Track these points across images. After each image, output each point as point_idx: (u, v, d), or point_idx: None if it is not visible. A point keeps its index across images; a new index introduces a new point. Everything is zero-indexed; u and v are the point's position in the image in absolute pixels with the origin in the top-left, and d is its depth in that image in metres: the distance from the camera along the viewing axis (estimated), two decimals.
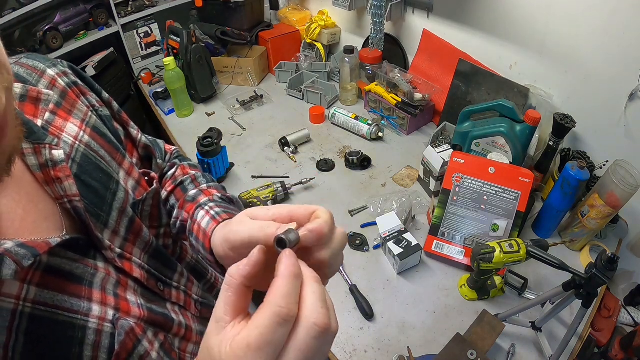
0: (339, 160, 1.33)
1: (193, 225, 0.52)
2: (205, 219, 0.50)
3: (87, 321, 0.36)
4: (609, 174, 0.89)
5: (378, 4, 1.37)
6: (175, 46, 1.55)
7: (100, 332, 0.37)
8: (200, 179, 0.61)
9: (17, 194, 0.36)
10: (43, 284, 0.34)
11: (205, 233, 0.49)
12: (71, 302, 0.36)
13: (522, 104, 1.14)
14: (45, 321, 0.33)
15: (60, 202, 0.39)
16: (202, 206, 0.53)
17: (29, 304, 0.32)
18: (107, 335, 0.37)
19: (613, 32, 0.93)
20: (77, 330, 0.35)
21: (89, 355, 0.36)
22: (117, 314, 0.39)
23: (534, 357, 0.80)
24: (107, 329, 0.37)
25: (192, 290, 0.55)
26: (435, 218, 0.98)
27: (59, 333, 0.34)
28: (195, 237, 0.51)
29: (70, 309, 0.35)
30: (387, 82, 1.42)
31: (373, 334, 0.85)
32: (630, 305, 1.03)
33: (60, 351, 0.34)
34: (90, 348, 0.36)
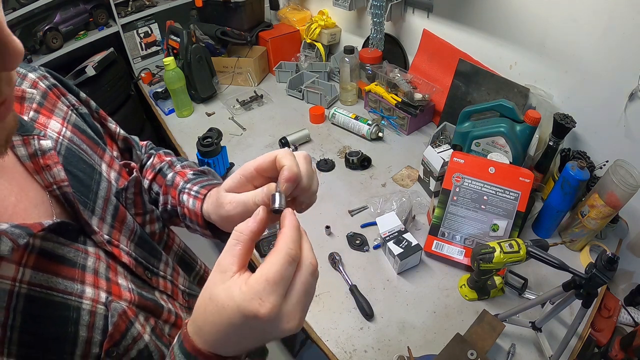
0: (339, 160, 1.33)
1: (184, 210, 0.56)
2: (190, 201, 0.55)
3: (80, 302, 0.38)
4: (609, 174, 0.89)
5: (378, 4, 1.37)
6: (175, 46, 1.55)
7: (94, 314, 0.39)
8: (175, 163, 0.64)
9: (8, 183, 0.37)
10: (37, 267, 0.35)
11: (195, 213, 0.54)
12: (65, 284, 0.37)
13: (522, 104, 1.14)
14: (40, 302, 0.35)
15: (50, 190, 0.41)
16: (183, 190, 0.57)
17: (25, 285, 0.34)
18: (100, 317, 0.39)
19: (613, 32, 0.93)
20: (71, 310, 0.37)
21: (84, 335, 0.37)
22: (110, 296, 0.41)
23: (534, 357, 0.80)
24: (101, 311, 0.39)
25: (178, 280, 0.57)
26: (435, 218, 0.98)
27: (54, 313, 0.36)
28: (189, 220, 0.56)
29: (64, 291, 0.37)
30: (387, 82, 1.42)
31: (373, 334, 0.85)
32: (630, 305, 1.03)
33: (56, 330, 0.35)
34: (85, 328, 0.37)
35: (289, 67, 1.78)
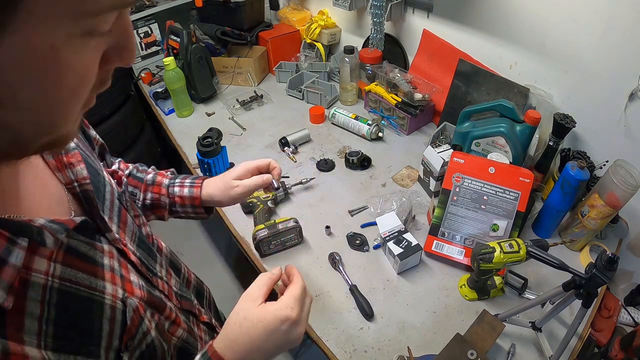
0: (339, 160, 1.33)
1: (174, 199, 0.71)
2: (185, 190, 0.71)
3: (103, 298, 0.40)
4: (609, 174, 0.89)
5: (378, 4, 1.37)
6: (175, 46, 1.55)
7: (114, 308, 0.41)
8: (141, 167, 0.75)
9: (33, 179, 0.39)
10: (66, 263, 0.37)
11: (192, 197, 0.71)
12: (89, 280, 0.39)
13: (522, 104, 1.14)
14: (70, 296, 0.36)
15: (69, 187, 0.43)
16: (173, 184, 0.72)
17: (57, 280, 0.35)
18: (119, 312, 0.41)
19: (613, 32, 0.93)
20: (96, 305, 0.39)
21: (107, 329, 0.40)
22: (125, 293, 0.43)
23: (534, 357, 0.80)
24: (119, 306, 0.41)
25: (171, 282, 0.59)
26: (435, 218, 0.98)
27: (82, 307, 0.38)
28: (180, 205, 0.71)
29: (89, 286, 0.39)
30: (387, 82, 1.42)
31: (373, 334, 0.84)
32: (630, 305, 1.03)
33: (84, 324, 0.38)
34: (107, 322, 0.40)
35: (289, 67, 1.78)
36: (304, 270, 0.98)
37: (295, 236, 1.02)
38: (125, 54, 0.32)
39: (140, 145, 1.99)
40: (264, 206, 1.09)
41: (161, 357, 0.48)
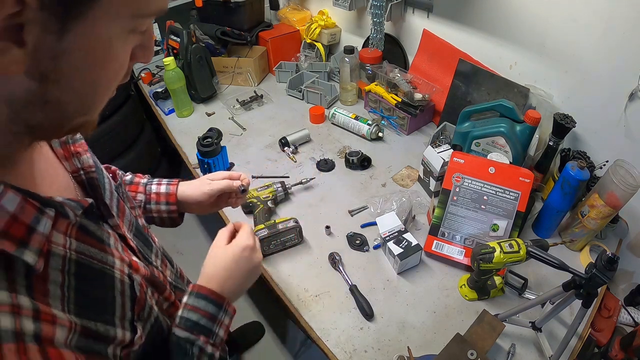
0: (339, 160, 1.33)
1: (150, 196, 0.76)
2: (162, 187, 0.77)
3: (113, 272, 0.44)
4: (609, 174, 0.89)
5: (378, 4, 1.37)
6: (175, 46, 1.55)
7: (123, 283, 0.45)
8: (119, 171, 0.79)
9: (45, 166, 0.42)
10: (79, 239, 0.40)
11: (168, 194, 0.77)
12: (100, 255, 0.43)
13: (522, 104, 1.13)
14: (86, 268, 0.40)
15: (75, 175, 0.47)
16: (150, 183, 0.78)
17: (73, 253, 0.39)
18: (127, 286, 0.45)
19: (613, 32, 0.93)
20: (108, 278, 0.43)
21: (119, 301, 0.43)
22: (130, 269, 0.47)
23: (534, 357, 0.80)
24: (127, 280, 0.45)
25: (166, 272, 0.63)
26: (435, 218, 0.98)
27: (97, 279, 0.41)
28: (155, 202, 0.76)
29: (101, 260, 0.42)
30: (387, 82, 1.42)
31: (373, 334, 0.84)
32: (630, 305, 1.03)
33: (100, 293, 0.41)
34: (119, 295, 0.43)
35: (289, 67, 1.78)
36: (304, 270, 0.99)
37: (295, 236, 1.02)
38: (147, 52, 0.38)
39: (140, 145, 1.99)
40: (264, 206, 1.09)
41: (167, 332, 0.53)
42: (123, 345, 0.43)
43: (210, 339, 0.55)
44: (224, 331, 0.58)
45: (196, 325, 0.54)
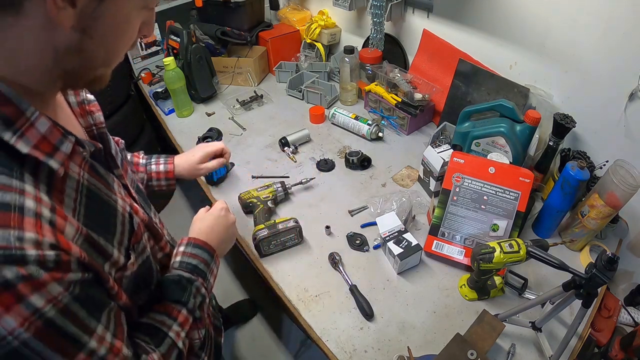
0: (339, 160, 1.33)
1: (151, 175, 0.93)
2: (160, 166, 0.93)
3: (117, 205, 0.53)
4: (609, 174, 0.89)
5: (378, 4, 1.37)
6: (175, 46, 1.55)
7: (124, 216, 0.53)
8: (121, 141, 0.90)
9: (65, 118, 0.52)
10: (90, 174, 0.50)
11: (166, 172, 0.93)
12: (106, 191, 0.52)
13: (522, 104, 1.14)
14: (94, 194, 0.49)
15: (88, 131, 0.58)
16: (148, 164, 0.93)
17: (86, 180, 0.48)
18: (127, 220, 0.53)
19: (613, 32, 0.93)
20: (112, 208, 0.52)
21: (120, 229, 0.52)
22: (131, 209, 0.56)
23: (534, 357, 0.80)
24: (127, 216, 0.54)
25: (164, 231, 0.73)
26: (435, 218, 0.98)
27: (103, 205, 0.51)
28: (156, 179, 0.93)
29: (107, 194, 0.52)
30: (387, 82, 1.42)
31: (373, 334, 0.85)
32: (630, 305, 1.03)
33: (105, 217, 0.50)
34: (120, 223, 0.52)
35: (289, 67, 1.78)
36: (304, 270, 0.99)
37: (295, 236, 1.02)
38: (150, 28, 0.50)
39: (140, 145, 1.99)
40: (264, 206, 1.09)
41: (154, 279, 0.61)
42: (118, 267, 0.50)
43: (205, 282, 0.66)
44: (213, 279, 0.70)
45: (195, 268, 0.66)
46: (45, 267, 0.38)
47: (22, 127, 0.40)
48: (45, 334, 0.38)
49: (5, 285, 0.35)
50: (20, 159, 0.40)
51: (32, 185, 0.39)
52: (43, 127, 0.42)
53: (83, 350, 0.42)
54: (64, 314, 0.40)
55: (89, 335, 0.43)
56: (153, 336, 0.55)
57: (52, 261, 0.38)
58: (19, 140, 0.39)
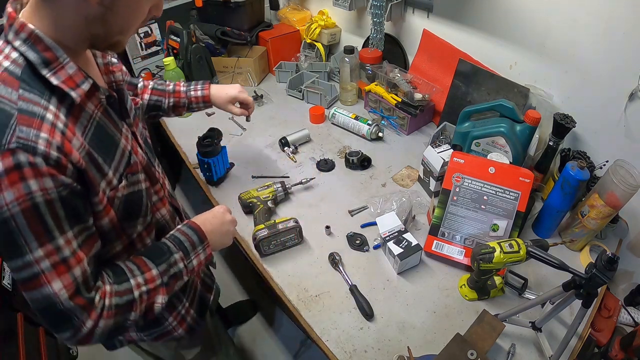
0: (339, 160, 1.33)
1: (191, 100, 1.09)
2: (198, 92, 1.09)
3: (119, 141, 0.66)
4: (609, 174, 0.89)
5: (378, 4, 1.37)
6: (175, 46, 1.55)
7: (124, 150, 0.66)
8: (159, 81, 1.09)
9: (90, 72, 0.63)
10: (103, 113, 0.64)
11: (203, 96, 1.09)
12: (113, 129, 0.65)
13: (522, 104, 1.14)
14: (102, 129, 0.63)
15: (110, 85, 0.71)
16: (188, 91, 1.09)
17: (97, 118, 0.62)
18: (126, 155, 0.66)
19: (613, 32, 0.93)
20: (115, 142, 0.65)
21: (118, 158, 0.64)
22: (132, 150, 0.69)
23: (534, 357, 0.80)
24: (127, 152, 0.67)
25: (165, 184, 0.85)
26: (435, 218, 0.98)
27: (108, 137, 0.64)
28: (195, 103, 1.10)
29: (113, 132, 0.65)
30: (387, 82, 1.42)
31: (373, 334, 0.85)
32: (630, 305, 1.03)
33: (107, 145, 0.62)
34: (119, 154, 0.64)
35: (289, 67, 1.78)
36: (304, 270, 0.99)
37: (295, 236, 1.02)
38: (159, 10, 0.63)
39: None
40: (264, 206, 1.09)
41: (143, 211, 0.71)
42: (111, 187, 0.62)
43: (186, 259, 0.71)
44: (197, 263, 0.73)
45: (180, 243, 0.71)
46: (47, 162, 0.50)
47: (55, 67, 0.55)
48: (29, 214, 0.50)
49: (17, 166, 0.49)
50: (51, 89, 0.54)
51: (54, 107, 0.54)
52: (71, 70, 0.56)
53: (52, 242, 0.53)
54: (47, 205, 0.51)
55: (60, 233, 0.53)
56: (117, 275, 0.63)
57: (54, 160, 0.51)
58: (52, 76, 0.54)
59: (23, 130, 0.49)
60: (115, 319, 0.60)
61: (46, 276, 0.53)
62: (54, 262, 0.53)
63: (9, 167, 0.48)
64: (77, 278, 0.55)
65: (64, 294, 0.54)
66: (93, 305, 0.57)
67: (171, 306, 0.83)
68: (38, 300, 0.53)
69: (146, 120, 1.06)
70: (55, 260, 0.53)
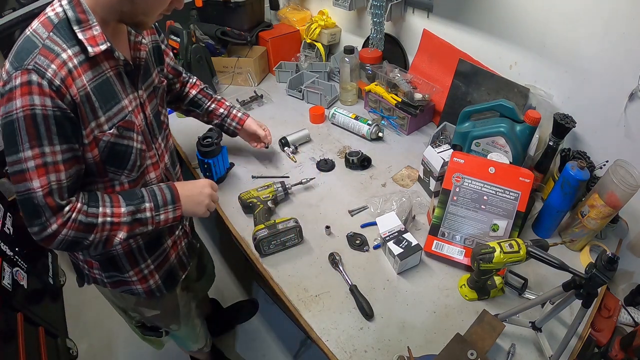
0: (339, 160, 1.33)
1: (229, 114, 1.21)
2: (239, 113, 1.22)
3: (122, 100, 0.77)
4: (609, 174, 0.89)
5: (378, 4, 1.37)
6: (175, 46, 1.55)
7: (123, 108, 0.77)
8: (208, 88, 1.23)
9: (117, 44, 0.76)
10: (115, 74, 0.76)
11: (240, 119, 1.22)
12: (119, 89, 0.77)
13: (522, 104, 1.14)
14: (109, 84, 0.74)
15: (134, 59, 0.81)
16: (232, 108, 1.23)
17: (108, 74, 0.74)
18: (124, 113, 0.77)
19: (613, 32, 0.93)
20: (117, 98, 0.76)
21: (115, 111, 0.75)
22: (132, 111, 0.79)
23: (534, 357, 0.80)
24: (126, 111, 0.77)
25: (165, 157, 0.94)
26: (435, 218, 0.98)
27: (112, 93, 0.75)
28: (231, 119, 1.22)
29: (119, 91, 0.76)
30: (387, 82, 1.42)
31: (373, 334, 0.85)
32: (630, 305, 1.03)
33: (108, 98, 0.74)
34: (116, 109, 0.75)
35: (289, 67, 1.78)
36: (304, 270, 0.99)
37: (295, 236, 1.02)
38: (180, 3, 0.77)
39: None
40: (264, 206, 1.09)
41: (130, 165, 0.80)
42: (100, 129, 0.72)
43: (155, 211, 0.82)
44: (164, 219, 0.84)
45: (154, 196, 0.83)
46: (50, 86, 0.64)
47: (84, 27, 0.68)
48: (29, 120, 0.64)
49: (29, 82, 0.63)
50: (77, 41, 0.68)
51: (72, 52, 0.67)
52: (96, 32, 0.69)
53: (39, 148, 0.66)
54: (43, 118, 0.64)
55: (47, 143, 0.66)
56: (91, 200, 0.75)
57: (56, 86, 0.64)
58: (80, 32, 0.68)
59: (40, 59, 0.63)
60: (76, 234, 0.72)
61: (30, 174, 0.66)
62: (37, 164, 0.66)
63: (24, 82, 0.62)
64: (52, 183, 0.68)
65: (39, 191, 0.67)
66: (61, 213, 0.70)
67: (133, 260, 0.91)
68: (21, 192, 0.67)
69: (184, 111, 1.21)
70: (38, 163, 0.66)
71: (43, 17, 0.68)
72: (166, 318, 1.13)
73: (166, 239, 0.97)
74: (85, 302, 1.86)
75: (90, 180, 0.78)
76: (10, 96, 0.63)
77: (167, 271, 1.00)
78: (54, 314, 1.72)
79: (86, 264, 0.92)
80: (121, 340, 1.74)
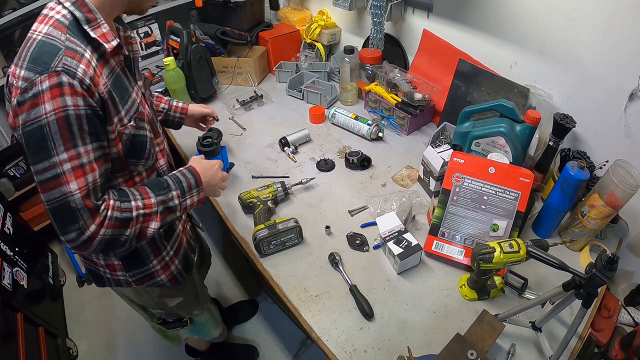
0: (339, 160, 1.33)
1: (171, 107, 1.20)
2: (180, 103, 1.21)
3: (132, 92, 0.79)
4: (609, 174, 0.89)
5: (378, 4, 1.37)
6: (175, 46, 1.55)
7: (135, 100, 0.79)
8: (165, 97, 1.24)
9: None
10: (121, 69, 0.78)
11: (182, 108, 1.21)
12: (127, 83, 0.79)
13: (522, 104, 1.14)
14: (121, 79, 0.76)
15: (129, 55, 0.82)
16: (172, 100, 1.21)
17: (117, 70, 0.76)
18: (136, 104, 0.79)
19: (613, 32, 0.93)
20: (129, 91, 0.78)
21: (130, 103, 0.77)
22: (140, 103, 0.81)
23: (534, 357, 0.80)
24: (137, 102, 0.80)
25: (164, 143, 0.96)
26: (435, 218, 0.98)
27: (124, 85, 0.77)
28: (173, 111, 1.20)
29: (128, 84, 0.79)
30: (387, 82, 1.42)
31: (373, 334, 0.85)
32: (630, 305, 1.03)
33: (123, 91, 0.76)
34: (131, 101, 0.78)
35: (289, 67, 1.78)
36: (304, 270, 0.99)
37: (295, 236, 1.02)
38: None
39: None
40: (264, 206, 1.09)
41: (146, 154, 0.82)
42: (122, 123, 0.74)
43: (181, 197, 0.82)
44: (189, 204, 0.85)
45: (180, 183, 0.83)
46: (82, 85, 0.64)
47: (94, 25, 0.70)
48: (62, 123, 0.63)
49: (60, 84, 0.62)
50: (89, 40, 0.69)
51: (90, 51, 0.69)
52: (105, 29, 0.71)
53: (75, 149, 0.65)
54: (76, 118, 0.64)
55: (82, 143, 0.66)
56: (121, 195, 0.75)
57: (86, 85, 0.65)
58: (91, 31, 0.69)
59: (68, 60, 0.64)
60: (113, 231, 0.71)
61: (66, 177, 0.64)
62: (74, 165, 0.65)
63: (54, 84, 0.62)
64: (90, 184, 0.67)
65: (77, 194, 0.65)
66: (98, 212, 0.68)
67: (156, 249, 0.92)
68: (56, 198, 0.65)
69: None
70: (75, 164, 0.65)
71: (49, 20, 0.67)
72: (189, 303, 1.12)
73: (177, 224, 0.98)
74: (85, 302, 1.86)
75: (111, 177, 0.78)
76: (36, 101, 0.61)
77: (183, 255, 1.01)
78: (54, 314, 1.72)
79: (108, 267, 0.90)
80: (121, 340, 1.74)
